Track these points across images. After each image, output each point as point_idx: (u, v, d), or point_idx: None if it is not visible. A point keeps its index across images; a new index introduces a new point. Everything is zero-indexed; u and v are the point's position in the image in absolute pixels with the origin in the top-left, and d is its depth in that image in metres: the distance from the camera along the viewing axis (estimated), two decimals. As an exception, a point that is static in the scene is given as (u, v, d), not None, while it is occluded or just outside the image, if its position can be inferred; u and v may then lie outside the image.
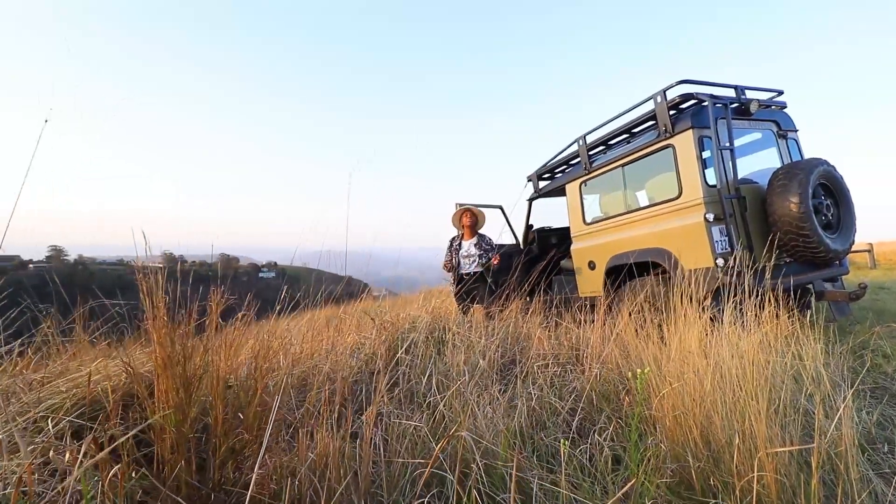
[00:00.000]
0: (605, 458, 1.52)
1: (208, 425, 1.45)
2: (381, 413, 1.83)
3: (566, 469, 1.32)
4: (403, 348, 2.49)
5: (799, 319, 2.69)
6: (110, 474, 1.09)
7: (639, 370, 1.32)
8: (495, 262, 5.05)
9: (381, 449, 1.57)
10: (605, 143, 4.87)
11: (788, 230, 3.56)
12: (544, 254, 5.95)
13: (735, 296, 2.33)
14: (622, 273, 4.42)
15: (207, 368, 1.42)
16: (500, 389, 2.17)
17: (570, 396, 2.21)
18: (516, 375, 2.39)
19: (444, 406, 1.81)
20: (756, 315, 2.22)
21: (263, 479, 1.29)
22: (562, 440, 1.26)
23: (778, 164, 4.27)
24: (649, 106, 4.14)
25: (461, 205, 5.49)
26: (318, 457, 1.33)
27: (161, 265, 1.55)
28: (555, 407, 2.05)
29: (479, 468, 1.42)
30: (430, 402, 1.93)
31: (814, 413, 1.65)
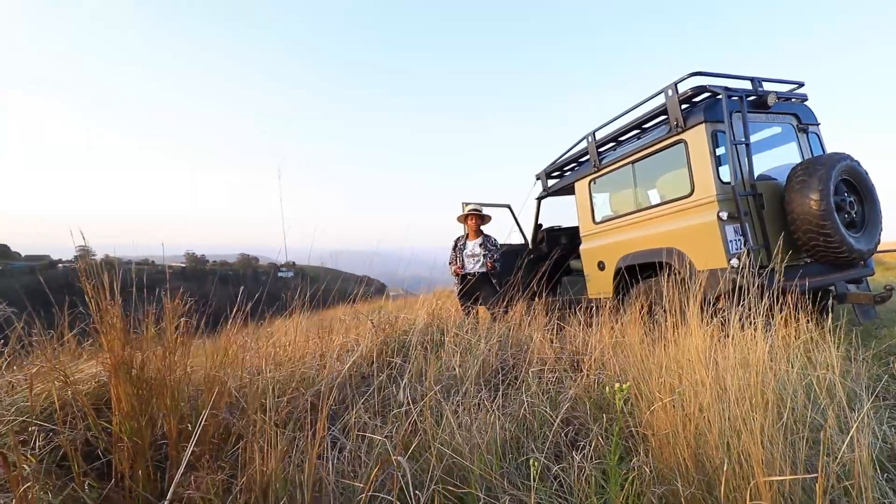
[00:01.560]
0: (588, 478, 1.39)
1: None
2: (348, 425, 1.73)
3: (545, 489, 1.21)
4: (389, 352, 2.40)
5: (818, 323, 2.52)
6: (22, 489, 1.01)
7: (617, 385, 1.19)
8: (490, 268, 4.95)
9: (337, 463, 1.47)
10: (614, 139, 4.71)
11: (808, 229, 3.38)
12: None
13: (745, 298, 2.19)
14: (633, 273, 4.28)
15: (163, 375, 1.34)
16: (489, 397, 2.06)
17: (566, 404, 2.08)
18: (509, 382, 2.28)
19: (421, 417, 1.70)
20: (768, 320, 2.06)
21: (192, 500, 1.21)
22: (532, 460, 1.15)
23: (798, 160, 4.06)
24: (660, 100, 3.98)
25: (467, 204, 5.39)
26: (258, 474, 1.24)
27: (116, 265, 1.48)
28: (546, 417, 1.91)
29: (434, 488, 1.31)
30: (405, 411, 1.82)
31: (827, 427, 1.51)
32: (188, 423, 1.39)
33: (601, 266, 4.75)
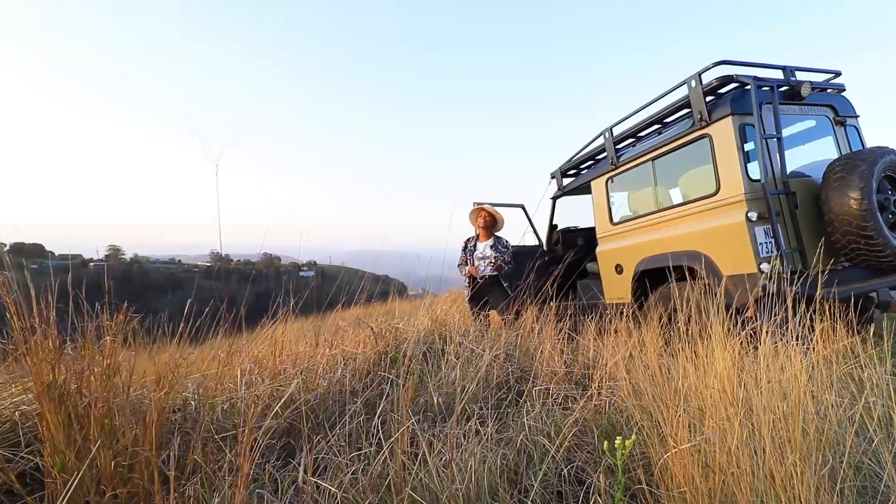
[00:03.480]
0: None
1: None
2: (318, 459, 1.53)
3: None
4: (386, 365, 2.20)
5: (859, 334, 2.23)
6: None
7: (618, 441, 0.97)
8: (496, 268, 4.74)
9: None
10: (633, 135, 4.43)
11: (848, 230, 3.07)
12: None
13: (778, 308, 1.93)
14: (653, 278, 4.01)
15: (88, 401, 1.17)
16: (489, 416, 1.84)
17: (573, 428, 1.84)
18: (512, 399, 2.06)
19: (392, 454, 1.48)
20: (806, 336, 1.80)
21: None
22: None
23: (835, 155, 3.74)
24: (683, 92, 3.70)
25: (478, 204, 5.16)
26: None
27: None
28: (548, 449, 1.67)
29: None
30: (375, 448, 1.60)
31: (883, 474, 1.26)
32: (127, 459, 1.22)
33: (619, 269, 4.49)
